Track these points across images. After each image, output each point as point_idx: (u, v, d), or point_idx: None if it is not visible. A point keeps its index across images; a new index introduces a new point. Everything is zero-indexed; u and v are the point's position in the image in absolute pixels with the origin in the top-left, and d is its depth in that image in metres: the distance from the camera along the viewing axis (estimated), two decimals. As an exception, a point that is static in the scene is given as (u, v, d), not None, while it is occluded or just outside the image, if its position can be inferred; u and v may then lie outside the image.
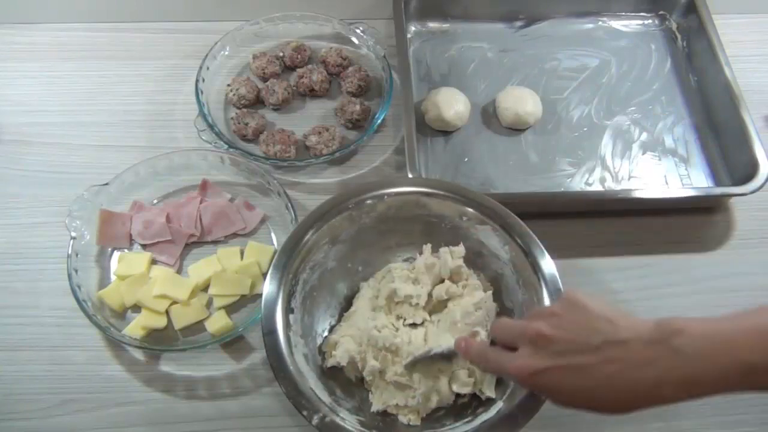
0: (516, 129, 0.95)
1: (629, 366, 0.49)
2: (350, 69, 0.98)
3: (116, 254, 0.83)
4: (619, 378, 0.50)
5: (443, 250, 0.76)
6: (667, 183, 0.91)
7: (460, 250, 0.75)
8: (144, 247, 0.84)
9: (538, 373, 0.53)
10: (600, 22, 1.07)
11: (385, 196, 0.75)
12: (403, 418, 0.69)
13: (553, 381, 0.53)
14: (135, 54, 1.02)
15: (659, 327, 0.50)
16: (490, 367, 0.63)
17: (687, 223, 0.89)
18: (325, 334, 0.75)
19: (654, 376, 0.48)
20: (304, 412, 0.63)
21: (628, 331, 0.51)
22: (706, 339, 0.48)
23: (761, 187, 0.84)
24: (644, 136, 0.95)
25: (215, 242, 0.85)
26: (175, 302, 0.79)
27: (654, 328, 0.50)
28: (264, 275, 0.77)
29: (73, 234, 0.80)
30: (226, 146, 0.88)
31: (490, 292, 0.75)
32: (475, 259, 0.77)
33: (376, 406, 0.70)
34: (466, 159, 0.92)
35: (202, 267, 0.81)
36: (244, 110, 0.94)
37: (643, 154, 0.94)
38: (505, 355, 0.57)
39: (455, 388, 0.69)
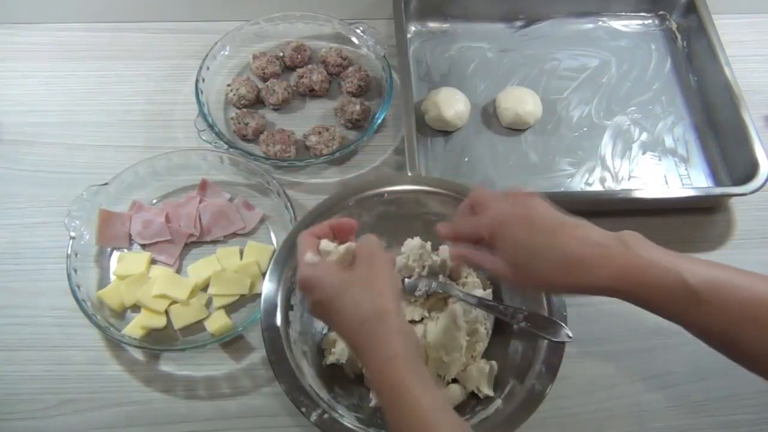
0: (516, 129, 0.95)
1: (583, 241, 0.54)
2: (350, 69, 0.98)
3: (116, 254, 0.83)
4: (569, 247, 0.54)
5: (443, 247, 0.76)
6: (667, 183, 0.91)
7: (460, 248, 0.75)
8: (143, 246, 0.84)
9: (501, 220, 0.57)
10: (600, 22, 1.07)
11: (386, 194, 0.75)
12: None
13: (511, 230, 0.56)
14: (135, 54, 1.02)
15: (619, 233, 0.55)
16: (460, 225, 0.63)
17: (687, 223, 0.89)
18: (324, 331, 0.75)
19: (599, 255, 0.53)
20: (303, 409, 0.63)
21: (594, 226, 0.57)
22: (655, 248, 0.53)
23: (761, 187, 0.84)
24: (644, 136, 0.95)
25: (214, 242, 0.85)
26: (174, 302, 0.79)
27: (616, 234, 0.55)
28: (263, 275, 0.77)
29: (73, 234, 0.80)
30: (226, 146, 0.88)
31: (489, 290, 0.75)
32: (475, 258, 0.77)
33: (376, 400, 0.69)
34: (466, 159, 0.92)
35: (201, 267, 0.82)
36: (244, 110, 0.94)
37: (643, 154, 0.94)
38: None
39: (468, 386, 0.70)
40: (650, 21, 1.08)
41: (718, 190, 0.89)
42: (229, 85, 0.96)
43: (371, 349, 0.53)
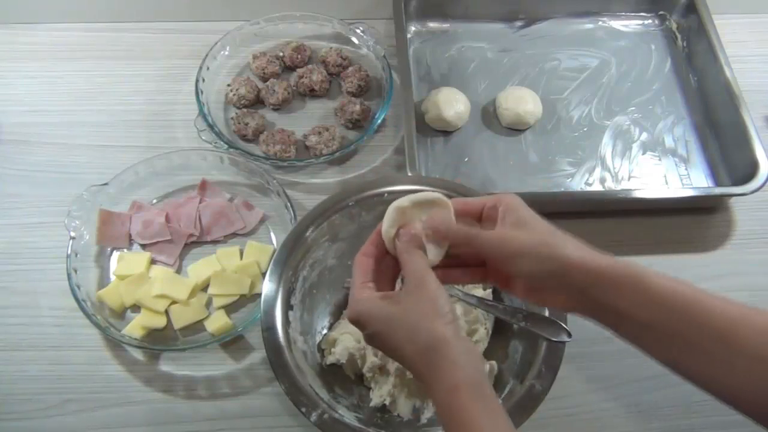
0: (516, 129, 0.95)
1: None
2: (350, 69, 0.98)
3: (116, 254, 0.83)
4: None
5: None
6: (667, 183, 0.91)
7: (460, 248, 0.75)
8: (143, 246, 0.84)
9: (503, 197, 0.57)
10: (600, 22, 1.07)
11: (386, 194, 0.75)
12: (403, 409, 0.70)
13: (515, 203, 0.57)
14: (135, 54, 1.02)
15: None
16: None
17: (687, 223, 0.89)
18: (325, 331, 0.76)
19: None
20: (303, 409, 0.63)
21: None
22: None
23: (761, 187, 0.84)
24: (644, 136, 0.95)
25: (214, 242, 0.85)
26: (174, 302, 0.79)
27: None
28: (263, 275, 0.77)
29: (73, 234, 0.80)
30: (226, 146, 0.88)
31: (489, 290, 0.75)
32: (475, 259, 0.77)
33: (377, 400, 0.70)
34: (466, 159, 0.92)
35: (201, 267, 0.82)
36: (244, 110, 0.94)
37: (643, 154, 0.94)
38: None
39: None
40: (650, 21, 1.08)
41: (718, 190, 0.89)
42: (229, 85, 0.96)
43: (432, 381, 0.50)
